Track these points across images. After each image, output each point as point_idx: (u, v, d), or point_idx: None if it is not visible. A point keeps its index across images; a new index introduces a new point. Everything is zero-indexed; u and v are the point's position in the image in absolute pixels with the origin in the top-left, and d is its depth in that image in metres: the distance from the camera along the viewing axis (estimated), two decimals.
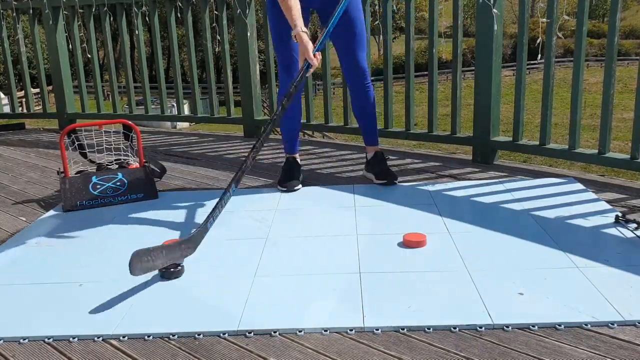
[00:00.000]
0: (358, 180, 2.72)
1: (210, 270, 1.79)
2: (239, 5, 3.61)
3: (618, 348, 1.30)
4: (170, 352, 1.37)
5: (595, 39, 36.61)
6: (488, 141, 2.88)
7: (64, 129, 2.61)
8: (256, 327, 1.44)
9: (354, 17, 2.47)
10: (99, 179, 2.54)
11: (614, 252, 1.77)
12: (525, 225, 2.03)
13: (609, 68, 2.43)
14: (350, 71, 2.56)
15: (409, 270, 1.72)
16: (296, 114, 2.67)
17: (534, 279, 1.61)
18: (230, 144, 3.71)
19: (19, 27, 4.49)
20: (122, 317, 1.52)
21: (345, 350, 1.34)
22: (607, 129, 2.50)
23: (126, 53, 4.24)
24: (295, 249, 1.92)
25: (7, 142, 4.12)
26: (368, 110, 2.65)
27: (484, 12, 2.75)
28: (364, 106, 2.64)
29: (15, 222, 2.36)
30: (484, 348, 1.32)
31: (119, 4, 4.10)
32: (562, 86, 13.43)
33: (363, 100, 2.62)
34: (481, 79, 2.83)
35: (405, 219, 2.15)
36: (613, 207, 2.15)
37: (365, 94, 2.60)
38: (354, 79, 2.58)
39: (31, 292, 1.69)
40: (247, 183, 2.77)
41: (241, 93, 3.84)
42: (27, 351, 1.41)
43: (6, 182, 2.99)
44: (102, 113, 4.45)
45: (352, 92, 2.63)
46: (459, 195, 2.41)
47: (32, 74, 5.27)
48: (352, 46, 2.51)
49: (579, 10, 2.49)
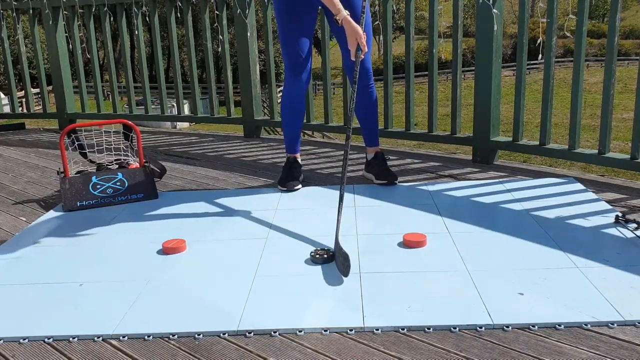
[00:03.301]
0: (358, 180, 2.72)
1: (210, 270, 1.79)
2: (239, 5, 3.61)
3: (618, 348, 1.30)
4: (170, 352, 1.37)
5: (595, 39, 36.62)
6: (488, 141, 2.88)
7: (64, 129, 2.61)
8: (256, 327, 1.44)
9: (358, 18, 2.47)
10: (99, 179, 2.54)
11: (614, 252, 1.77)
12: (525, 225, 2.03)
13: (609, 68, 2.44)
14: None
15: (409, 270, 1.72)
16: (300, 114, 2.67)
17: (534, 279, 1.61)
18: (230, 144, 3.71)
19: (19, 27, 4.49)
20: (122, 317, 1.52)
21: (345, 350, 1.34)
22: (607, 129, 2.51)
23: (126, 53, 4.24)
24: (295, 249, 1.92)
25: (7, 142, 4.12)
26: (370, 111, 2.65)
27: (484, 12, 2.75)
28: (366, 107, 2.63)
29: (15, 222, 2.36)
30: (484, 348, 1.32)
31: (119, 4, 4.11)
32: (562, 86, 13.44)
33: (365, 101, 2.62)
34: (481, 79, 2.83)
35: (405, 219, 2.15)
36: (613, 207, 2.15)
37: (368, 94, 2.60)
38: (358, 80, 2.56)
39: (31, 292, 1.69)
40: (247, 183, 2.77)
41: (241, 93, 3.84)
42: (27, 351, 1.41)
43: (6, 182, 2.99)
44: (102, 113, 4.46)
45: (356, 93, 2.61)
46: (459, 195, 2.41)
47: (32, 74, 5.27)
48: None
49: (579, 10, 2.49)
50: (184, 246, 1.94)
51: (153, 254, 1.92)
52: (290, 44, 2.49)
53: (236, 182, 2.80)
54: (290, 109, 2.65)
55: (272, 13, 4.04)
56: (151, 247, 1.97)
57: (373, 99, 2.62)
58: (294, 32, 2.45)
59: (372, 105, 2.63)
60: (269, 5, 3.69)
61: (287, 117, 2.67)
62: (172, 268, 1.81)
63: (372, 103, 2.63)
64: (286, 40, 2.49)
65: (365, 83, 2.58)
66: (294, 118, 2.67)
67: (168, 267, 1.82)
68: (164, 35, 4.74)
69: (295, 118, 2.67)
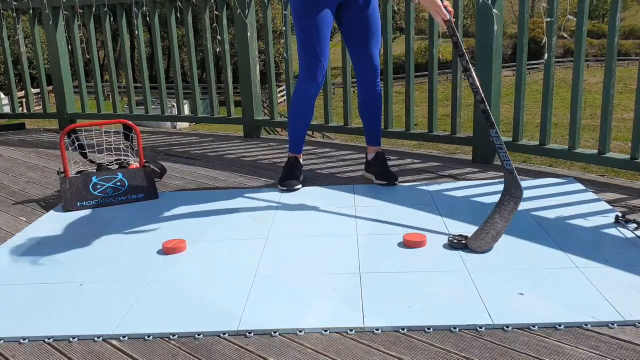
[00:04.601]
0: (358, 180, 2.72)
1: (211, 270, 1.79)
2: (239, 5, 3.61)
3: (618, 348, 1.30)
4: (170, 352, 1.37)
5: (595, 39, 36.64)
6: (488, 141, 2.88)
7: (64, 129, 2.61)
8: (256, 327, 1.44)
9: (374, 16, 2.47)
10: (99, 179, 2.54)
11: (614, 252, 1.77)
12: (525, 225, 2.03)
13: (609, 68, 2.44)
14: (364, 68, 2.54)
15: (409, 270, 1.72)
16: (306, 120, 2.64)
17: (534, 279, 1.61)
18: (230, 144, 3.71)
19: (19, 27, 4.49)
20: (122, 317, 1.52)
21: (345, 350, 1.34)
22: (607, 129, 2.51)
23: (126, 53, 4.24)
24: (295, 249, 1.92)
25: (7, 142, 4.12)
26: (374, 110, 2.64)
27: (484, 12, 2.75)
28: (371, 104, 2.62)
29: (15, 222, 2.36)
30: (484, 348, 1.32)
31: (119, 4, 4.11)
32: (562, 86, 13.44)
33: (372, 99, 2.61)
34: (481, 79, 2.83)
35: (405, 219, 2.15)
36: (613, 207, 2.15)
37: (375, 92, 2.59)
38: (366, 76, 2.56)
39: (31, 292, 1.69)
40: (247, 183, 2.77)
41: (241, 93, 3.84)
42: (27, 351, 1.41)
43: (6, 182, 2.99)
44: (102, 113, 4.46)
45: (362, 89, 2.60)
46: (459, 195, 2.41)
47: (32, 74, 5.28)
48: (369, 43, 2.49)
49: (579, 10, 2.49)
50: (184, 246, 1.94)
51: (153, 254, 1.92)
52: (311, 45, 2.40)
53: (236, 182, 2.80)
54: (295, 114, 2.62)
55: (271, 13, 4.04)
56: (151, 247, 1.97)
57: (379, 99, 2.62)
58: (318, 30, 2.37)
59: (377, 105, 2.63)
60: (269, 6, 3.69)
61: (292, 122, 2.65)
62: (172, 268, 1.81)
63: (377, 102, 2.62)
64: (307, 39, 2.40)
65: (373, 80, 2.57)
66: (300, 122, 2.64)
67: (168, 267, 1.82)
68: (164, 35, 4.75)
69: (302, 122, 2.65)
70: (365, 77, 2.57)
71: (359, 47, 2.51)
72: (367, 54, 2.51)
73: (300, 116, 2.62)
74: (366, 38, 2.49)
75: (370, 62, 2.53)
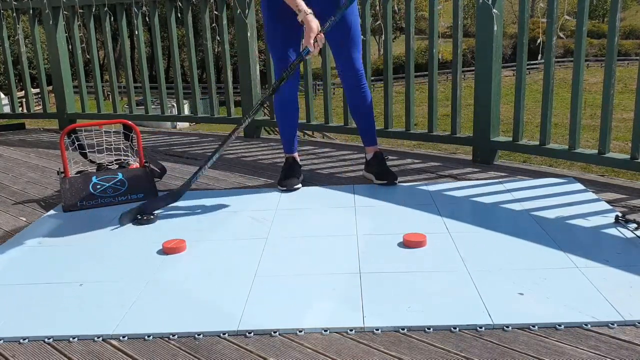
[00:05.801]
0: (358, 180, 2.72)
1: (211, 270, 1.79)
2: (239, 5, 3.61)
3: (618, 348, 1.30)
4: (170, 352, 1.37)
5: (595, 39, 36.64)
6: (488, 141, 2.88)
7: (64, 129, 2.61)
8: (256, 327, 1.44)
9: (349, 20, 2.47)
10: (99, 179, 2.54)
11: (614, 252, 1.77)
12: (525, 225, 2.03)
13: (609, 68, 2.44)
14: (346, 72, 2.57)
15: (409, 270, 1.72)
16: (292, 118, 2.67)
17: (534, 279, 1.61)
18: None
19: (19, 27, 4.49)
20: (122, 317, 1.52)
21: (345, 350, 1.34)
22: (607, 129, 2.51)
23: (126, 53, 4.24)
24: (295, 249, 1.92)
25: (7, 142, 4.12)
26: (364, 111, 2.65)
27: (484, 12, 2.75)
28: (360, 107, 2.64)
29: (15, 222, 2.36)
30: (484, 348, 1.32)
31: (119, 4, 4.11)
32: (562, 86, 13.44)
33: (359, 101, 2.62)
34: (481, 79, 2.83)
35: (405, 219, 2.15)
36: (613, 207, 2.15)
37: (361, 94, 2.60)
38: (349, 80, 2.58)
39: (31, 292, 1.69)
40: (247, 183, 2.77)
41: (241, 93, 3.84)
42: (27, 351, 1.41)
43: (6, 182, 2.99)
44: (102, 113, 4.45)
45: (348, 93, 2.63)
46: (459, 195, 2.41)
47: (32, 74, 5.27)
48: (347, 47, 2.51)
49: (579, 10, 2.49)
50: (184, 246, 1.94)
51: (153, 254, 1.92)
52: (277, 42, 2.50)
53: (236, 182, 2.80)
54: (279, 116, 2.69)
55: None
56: (151, 247, 1.97)
57: (367, 100, 2.62)
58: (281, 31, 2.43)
59: (366, 106, 2.63)
60: None
61: (279, 124, 2.71)
62: (172, 268, 1.81)
63: (367, 104, 2.63)
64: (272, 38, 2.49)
65: (357, 83, 2.58)
66: (286, 123, 2.69)
67: (168, 267, 1.82)
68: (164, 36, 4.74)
69: (288, 122, 2.68)
70: (349, 81, 2.59)
71: (339, 54, 2.54)
72: (347, 60, 2.53)
73: (284, 117, 2.66)
74: (343, 45, 2.50)
75: (353, 68, 2.54)
